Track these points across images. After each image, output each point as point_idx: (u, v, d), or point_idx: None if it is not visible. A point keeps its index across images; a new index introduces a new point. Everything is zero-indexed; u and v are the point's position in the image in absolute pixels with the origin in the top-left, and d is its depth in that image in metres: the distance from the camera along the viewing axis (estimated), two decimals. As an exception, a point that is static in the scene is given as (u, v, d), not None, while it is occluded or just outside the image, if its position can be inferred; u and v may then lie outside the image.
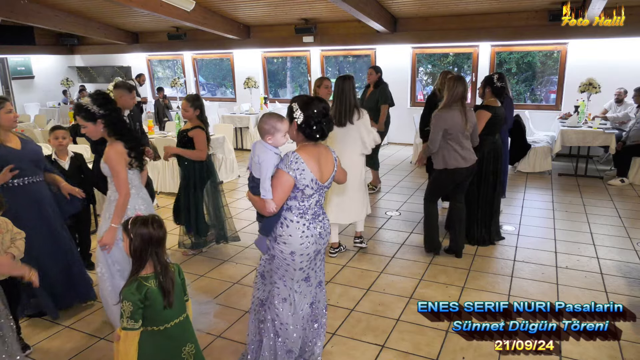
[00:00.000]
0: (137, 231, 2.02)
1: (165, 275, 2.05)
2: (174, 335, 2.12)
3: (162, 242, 2.07)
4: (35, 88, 13.25)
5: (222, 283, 4.02)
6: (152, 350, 2.07)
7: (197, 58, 12.49)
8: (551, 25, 8.01)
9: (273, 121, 2.41)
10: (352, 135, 4.19)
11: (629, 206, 5.90)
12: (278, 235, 2.49)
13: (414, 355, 3.00)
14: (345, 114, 4.15)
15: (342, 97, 4.16)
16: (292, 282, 2.55)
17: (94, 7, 9.59)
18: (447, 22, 8.90)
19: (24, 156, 3.25)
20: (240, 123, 9.84)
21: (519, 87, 10.34)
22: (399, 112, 9.75)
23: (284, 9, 9.07)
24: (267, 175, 2.37)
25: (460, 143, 4.09)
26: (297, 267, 2.51)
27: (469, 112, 4.08)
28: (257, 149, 2.44)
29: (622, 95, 7.82)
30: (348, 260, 4.44)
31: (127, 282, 2.05)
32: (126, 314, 1.98)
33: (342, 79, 4.21)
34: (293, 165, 2.39)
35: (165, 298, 2.04)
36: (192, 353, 2.21)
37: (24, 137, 3.38)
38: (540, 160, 7.51)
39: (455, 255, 4.42)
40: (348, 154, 4.20)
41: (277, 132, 2.41)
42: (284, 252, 2.48)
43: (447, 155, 4.13)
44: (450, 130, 4.03)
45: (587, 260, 4.34)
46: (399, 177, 7.54)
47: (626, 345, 3.07)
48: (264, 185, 2.37)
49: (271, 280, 2.60)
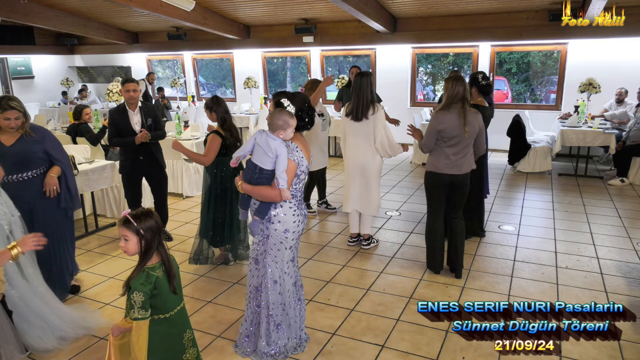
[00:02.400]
0: (147, 225, 2.07)
1: (169, 261, 2.15)
2: (177, 321, 2.22)
3: (160, 231, 2.14)
4: (35, 88, 13.24)
5: (222, 283, 4.02)
6: (158, 337, 2.15)
7: (197, 58, 12.49)
8: (551, 25, 8.01)
9: (286, 117, 2.63)
10: (367, 130, 4.31)
11: (629, 206, 5.90)
12: (273, 216, 2.76)
13: (414, 355, 3.00)
14: (362, 108, 4.27)
15: (359, 93, 4.27)
16: (282, 264, 2.84)
17: (94, 7, 9.59)
18: (447, 22, 8.90)
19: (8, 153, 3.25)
20: (241, 123, 9.83)
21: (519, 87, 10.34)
22: (399, 112, 9.73)
23: (284, 9, 9.07)
24: (284, 167, 2.63)
25: (455, 148, 3.79)
26: (288, 245, 2.82)
27: (470, 116, 3.73)
28: (274, 146, 2.63)
29: (623, 95, 7.82)
30: (348, 260, 4.44)
31: (135, 275, 2.09)
32: (137, 304, 2.04)
33: (360, 75, 4.29)
34: (295, 153, 2.71)
35: (171, 283, 2.14)
36: (190, 339, 2.32)
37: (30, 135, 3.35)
38: (540, 160, 7.51)
39: (455, 275, 4.03)
40: (361, 147, 4.36)
41: (288, 128, 2.64)
42: (279, 230, 2.77)
43: (436, 158, 3.86)
44: (444, 132, 3.74)
45: (587, 260, 4.34)
46: (399, 177, 7.54)
47: (626, 345, 3.07)
48: (282, 176, 2.62)
49: (264, 264, 2.85)
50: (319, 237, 5.06)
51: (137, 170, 4.63)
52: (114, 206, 5.76)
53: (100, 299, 3.72)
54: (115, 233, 5.26)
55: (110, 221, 5.62)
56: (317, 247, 4.76)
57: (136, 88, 4.45)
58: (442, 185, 3.89)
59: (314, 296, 3.76)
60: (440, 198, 3.97)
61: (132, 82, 4.45)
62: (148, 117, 4.56)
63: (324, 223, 5.47)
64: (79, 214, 5.17)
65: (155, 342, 2.14)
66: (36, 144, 3.40)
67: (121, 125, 4.47)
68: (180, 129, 7.01)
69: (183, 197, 6.56)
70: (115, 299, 3.72)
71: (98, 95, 13.10)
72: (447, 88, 3.76)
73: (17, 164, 3.31)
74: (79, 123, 6.36)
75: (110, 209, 5.78)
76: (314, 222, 5.52)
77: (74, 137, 6.35)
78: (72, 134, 6.36)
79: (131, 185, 4.69)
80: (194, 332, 2.42)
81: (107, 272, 4.21)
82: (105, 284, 3.98)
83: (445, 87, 3.83)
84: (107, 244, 4.94)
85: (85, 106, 6.52)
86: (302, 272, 4.20)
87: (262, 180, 2.70)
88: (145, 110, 4.56)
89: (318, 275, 4.12)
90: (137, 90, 4.44)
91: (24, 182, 3.37)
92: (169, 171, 6.54)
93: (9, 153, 3.26)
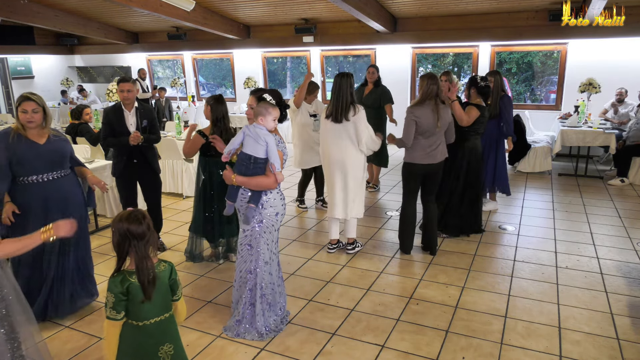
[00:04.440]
0: (116, 226, 2.06)
1: (143, 270, 2.05)
2: (152, 332, 2.14)
3: (141, 236, 2.06)
4: (35, 88, 13.22)
5: (222, 283, 4.02)
6: (130, 342, 2.13)
7: (197, 58, 12.48)
8: (551, 25, 8.01)
9: (266, 105, 2.95)
10: (347, 131, 4.23)
11: (629, 206, 5.90)
12: (265, 202, 3.02)
13: (414, 355, 3.00)
14: (341, 110, 4.20)
15: (339, 94, 4.21)
16: (272, 244, 3.13)
17: (94, 7, 9.59)
18: (447, 22, 8.90)
19: (44, 152, 3.24)
20: (240, 123, 9.83)
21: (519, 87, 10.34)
22: (399, 113, 9.67)
23: (284, 9, 9.07)
24: (275, 152, 2.91)
25: (429, 140, 4.17)
26: (277, 226, 3.14)
27: (442, 110, 4.14)
28: (261, 134, 2.89)
29: (624, 95, 7.82)
30: (348, 260, 4.44)
31: (113, 275, 2.09)
32: (109, 304, 2.06)
33: (339, 76, 4.25)
34: (281, 144, 3.03)
35: (145, 293, 2.05)
36: (169, 353, 2.19)
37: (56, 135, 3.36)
38: (540, 160, 7.51)
39: (429, 252, 4.50)
40: (342, 149, 4.26)
41: (268, 115, 2.92)
42: (271, 214, 3.06)
43: (413, 149, 4.21)
44: (420, 125, 4.10)
45: (587, 260, 4.34)
46: (399, 177, 7.51)
47: (626, 345, 3.07)
48: (277, 160, 2.91)
49: (257, 248, 3.08)
50: (319, 237, 5.06)
51: (130, 173, 4.49)
52: (113, 206, 5.76)
53: (100, 299, 3.72)
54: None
55: (110, 221, 5.60)
56: (317, 247, 4.76)
57: (131, 88, 4.34)
58: (418, 174, 4.30)
59: (314, 296, 3.76)
60: (416, 186, 4.40)
61: (126, 81, 4.35)
62: (143, 119, 4.43)
63: (324, 223, 5.47)
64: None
65: (127, 346, 2.12)
66: (66, 144, 3.43)
67: (115, 125, 4.36)
68: (180, 129, 7.03)
69: (183, 197, 6.56)
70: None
71: (98, 95, 13.11)
72: (422, 85, 4.16)
73: (54, 163, 3.31)
74: (79, 123, 6.35)
75: (110, 209, 5.78)
76: (313, 222, 5.52)
77: (74, 137, 6.35)
78: (72, 134, 6.36)
79: (125, 187, 4.57)
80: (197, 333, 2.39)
81: (107, 272, 4.18)
82: (105, 284, 3.96)
83: (420, 84, 4.21)
84: (107, 244, 4.94)
85: (85, 106, 6.52)
86: (302, 272, 4.22)
87: (257, 171, 2.95)
88: (141, 112, 4.44)
89: (318, 275, 4.12)
90: (131, 91, 4.34)
91: (59, 181, 3.36)
92: (169, 171, 6.56)
93: (45, 151, 3.25)
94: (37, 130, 3.24)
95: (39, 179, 3.25)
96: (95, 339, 3.21)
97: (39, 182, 3.25)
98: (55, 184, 3.33)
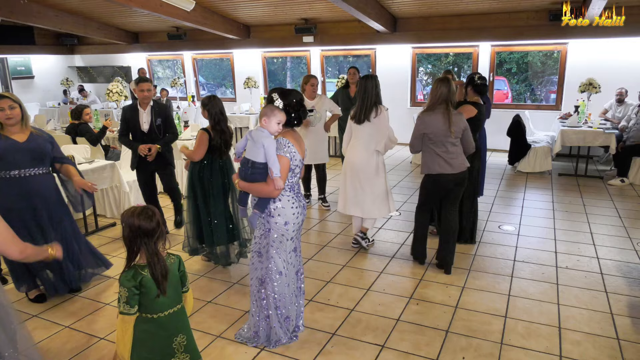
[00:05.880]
0: (126, 221, 2.07)
1: (155, 265, 2.09)
2: (166, 324, 2.18)
3: (152, 233, 2.08)
4: (35, 88, 13.23)
5: (222, 283, 4.02)
6: (144, 336, 2.15)
7: (197, 58, 12.48)
8: (551, 25, 8.01)
9: (272, 107, 2.80)
10: (368, 132, 4.30)
11: (629, 206, 5.90)
12: (272, 209, 2.87)
13: (414, 355, 3.00)
14: (365, 111, 4.25)
15: (364, 96, 4.26)
16: (285, 254, 2.94)
17: (94, 7, 9.58)
18: (447, 22, 8.89)
19: (24, 149, 3.34)
20: (241, 123, 9.83)
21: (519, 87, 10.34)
22: (399, 113, 9.76)
23: (284, 9, 9.07)
24: (274, 156, 2.74)
25: (444, 148, 3.90)
26: (289, 236, 2.93)
27: (454, 116, 3.85)
28: (259, 137, 2.73)
29: (624, 95, 7.82)
30: (348, 260, 4.44)
31: (124, 270, 2.11)
32: (122, 299, 2.07)
33: (365, 78, 4.29)
34: (286, 148, 2.81)
35: (159, 287, 2.10)
36: (182, 344, 2.26)
37: (37, 132, 3.47)
38: (540, 160, 7.51)
39: (444, 271, 4.11)
40: (360, 149, 4.35)
41: (272, 117, 2.74)
42: (279, 223, 2.88)
43: (430, 160, 3.98)
44: (431, 134, 3.87)
45: (587, 260, 4.34)
46: (399, 177, 7.54)
47: (626, 345, 3.07)
48: (276, 165, 2.73)
49: (268, 256, 2.94)
50: (319, 237, 5.06)
51: (146, 164, 4.78)
52: (114, 206, 5.76)
53: (100, 299, 3.72)
54: (115, 233, 5.26)
55: (110, 221, 5.61)
56: (317, 247, 4.76)
57: (150, 88, 4.65)
58: (441, 187, 4.02)
59: (314, 296, 3.76)
60: (434, 198, 4.17)
61: (146, 81, 4.65)
62: (158, 117, 4.70)
63: (324, 223, 5.47)
64: (79, 213, 5.17)
65: (141, 340, 2.14)
66: (47, 143, 3.50)
67: (130, 122, 4.68)
68: (180, 129, 7.02)
69: (183, 197, 6.55)
70: (115, 299, 3.70)
71: (98, 95, 13.10)
72: (433, 89, 3.96)
73: (35, 160, 3.41)
74: (79, 123, 6.36)
75: (110, 209, 5.77)
76: (313, 222, 5.52)
77: (74, 137, 6.35)
78: (72, 134, 6.37)
79: (143, 180, 4.93)
80: (197, 333, 2.41)
81: (107, 272, 4.20)
82: (105, 284, 3.98)
83: (432, 88, 4.03)
84: (107, 244, 4.94)
85: (85, 106, 6.52)
86: (302, 272, 4.21)
87: (255, 175, 2.80)
88: (156, 110, 4.70)
89: (318, 275, 4.12)
90: (150, 90, 4.65)
91: (40, 177, 3.47)
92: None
93: (26, 149, 3.35)
94: (17, 127, 3.34)
95: (22, 174, 3.36)
96: (95, 339, 3.21)
97: (22, 177, 3.36)
98: (38, 179, 3.44)
